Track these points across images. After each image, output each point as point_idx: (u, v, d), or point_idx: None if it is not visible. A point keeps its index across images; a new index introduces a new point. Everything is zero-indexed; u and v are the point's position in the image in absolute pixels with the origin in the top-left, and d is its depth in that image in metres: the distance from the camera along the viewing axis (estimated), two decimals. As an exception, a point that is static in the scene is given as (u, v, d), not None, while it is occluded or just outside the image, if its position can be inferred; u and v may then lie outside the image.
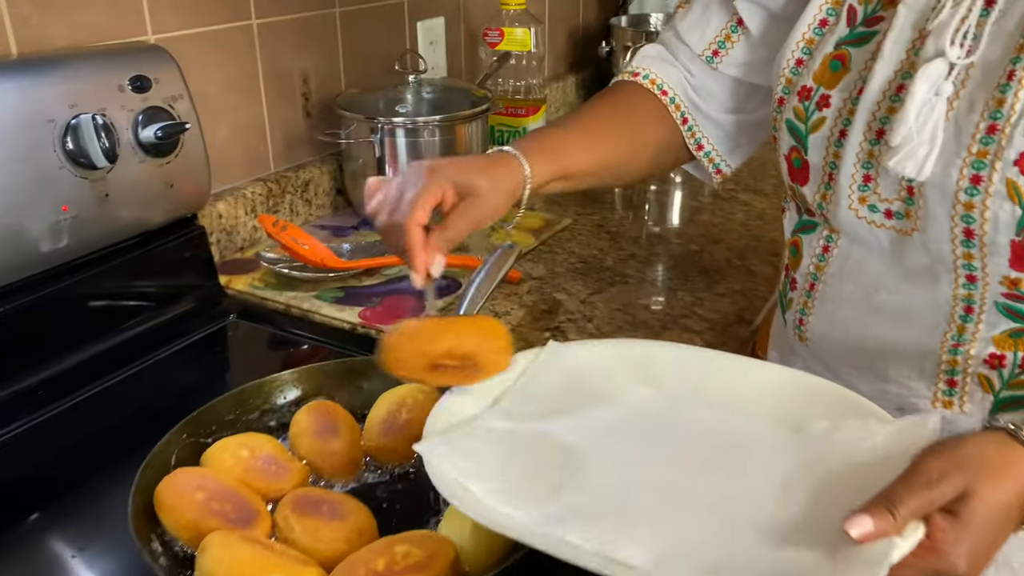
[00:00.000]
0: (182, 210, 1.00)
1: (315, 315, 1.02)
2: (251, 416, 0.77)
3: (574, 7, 1.93)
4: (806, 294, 0.78)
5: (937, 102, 0.62)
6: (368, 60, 1.36)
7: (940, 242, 0.65)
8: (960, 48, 0.62)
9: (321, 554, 0.61)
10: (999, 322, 0.66)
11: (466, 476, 0.57)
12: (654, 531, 0.54)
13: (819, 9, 0.72)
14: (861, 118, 0.68)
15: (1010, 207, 0.60)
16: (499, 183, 0.72)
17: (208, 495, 0.63)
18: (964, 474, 0.50)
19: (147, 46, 0.98)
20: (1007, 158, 0.59)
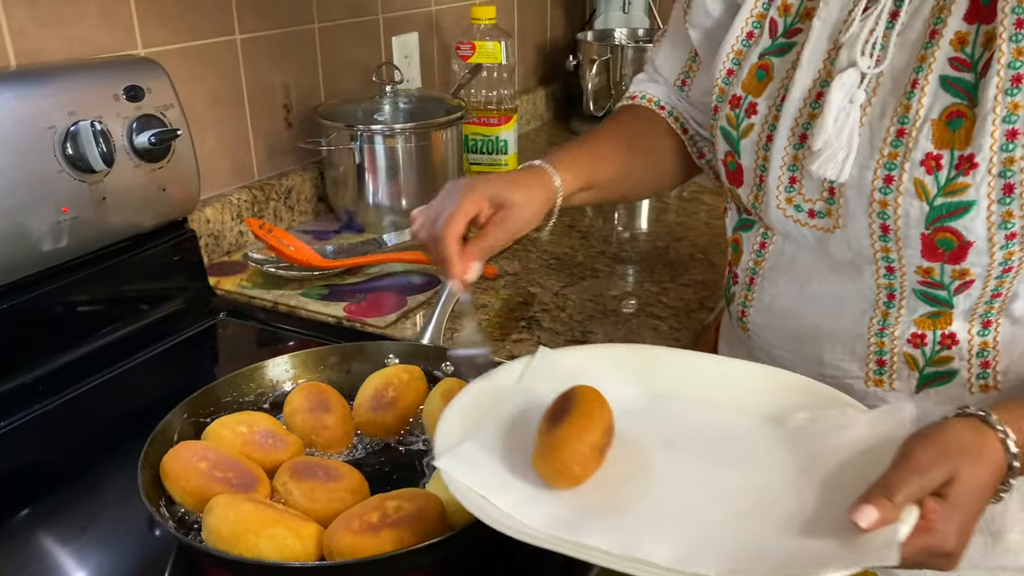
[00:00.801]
0: (173, 214, 1.05)
1: (302, 311, 1.07)
2: (247, 398, 0.82)
3: (542, 23, 2.01)
4: (746, 288, 0.83)
5: (852, 109, 0.68)
6: (346, 73, 1.43)
7: (860, 238, 0.70)
8: (870, 58, 0.67)
9: (317, 513, 0.66)
10: (918, 307, 0.71)
11: (486, 489, 0.59)
12: (671, 528, 0.56)
13: (745, 22, 0.77)
14: (785, 124, 0.73)
15: (918, 203, 0.65)
16: (532, 195, 0.78)
17: (211, 464, 0.68)
18: (950, 460, 0.55)
19: (139, 58, 1.03)
20: (914, 159, 0.65)
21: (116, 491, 0.77)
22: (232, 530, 0.61)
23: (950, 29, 0.64)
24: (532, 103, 1.96)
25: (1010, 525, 0.75)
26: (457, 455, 0.62)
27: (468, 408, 0.68)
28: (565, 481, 0.60)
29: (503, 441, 0.65)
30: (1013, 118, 0.61)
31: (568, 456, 0.59)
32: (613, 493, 0.61)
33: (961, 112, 0.63)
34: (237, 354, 1.06)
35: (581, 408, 0.62)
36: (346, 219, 1.34)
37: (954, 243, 0.65)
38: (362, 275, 1.16)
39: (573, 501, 0.60)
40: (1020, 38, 0.60)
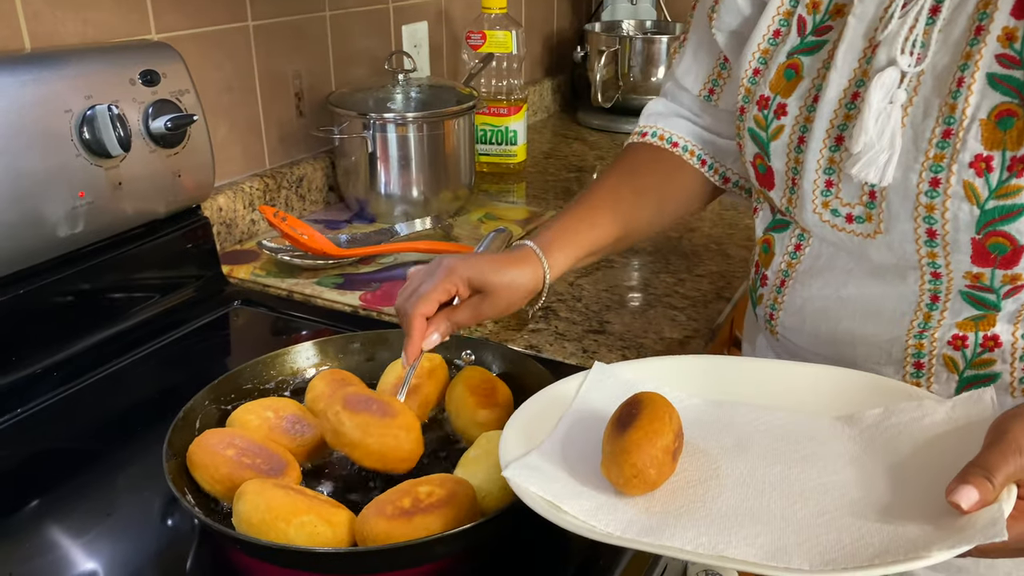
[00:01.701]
0: (187, 201, 1.04)
1: (317, 300, 1.06)
2: (267, 385, 0.81)
3: (549, 14, 2.00)
4: (776, 290, 0.80)
5: (892, 109, 0.65)
6: (356, 61, 1.42)
7: (904, 243, 0.68)
8: (910, 56, 0.65)
9: (369, 447, 0.66)
10: (963, 309, 0.69)
11: (557, 497, 0.58)
12: (756, 527, 0.55)
13: (772, 20, 0.75)
14: (820, 126, 0.71)
15: (968, 207, 0.63)
16: (514, 280, 0.77)
17: (239, 451, 0.67)
18: None
19: (154, 43, 1.02)
20: (962, 161, 0.63)
21: (136, 477, 0.76)
22: (263, 518, 0.61)
23: (997, 24, 0.62)
24: (539, 95, 1.96)
25: None
26: (524, 465, 0.60)
27: (528, 421, 0.66)
28: (640, 486, 0.58)
29: (568, 452, 0.63)
30: None
31: (641, 460, 0.57)
32: (690, 498, 0.59)
33: (1012, 111, 0.61)
34: (251, 342, 1.05)
35: (649, 412, 0.60)
36: (357, 208, 1.33)
37: (1007, 247, 0.63)
38: (375, 264, 1.15)
39: (649, 507, 0.58)
40: None
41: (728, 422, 0.67)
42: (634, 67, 1.80)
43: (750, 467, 0.62)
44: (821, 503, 0.57)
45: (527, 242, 0.81)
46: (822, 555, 0.51)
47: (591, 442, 0.62)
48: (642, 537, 0.54)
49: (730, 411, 0.69)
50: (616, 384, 0.69)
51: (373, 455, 0.67)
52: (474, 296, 0.76)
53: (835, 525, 0.55)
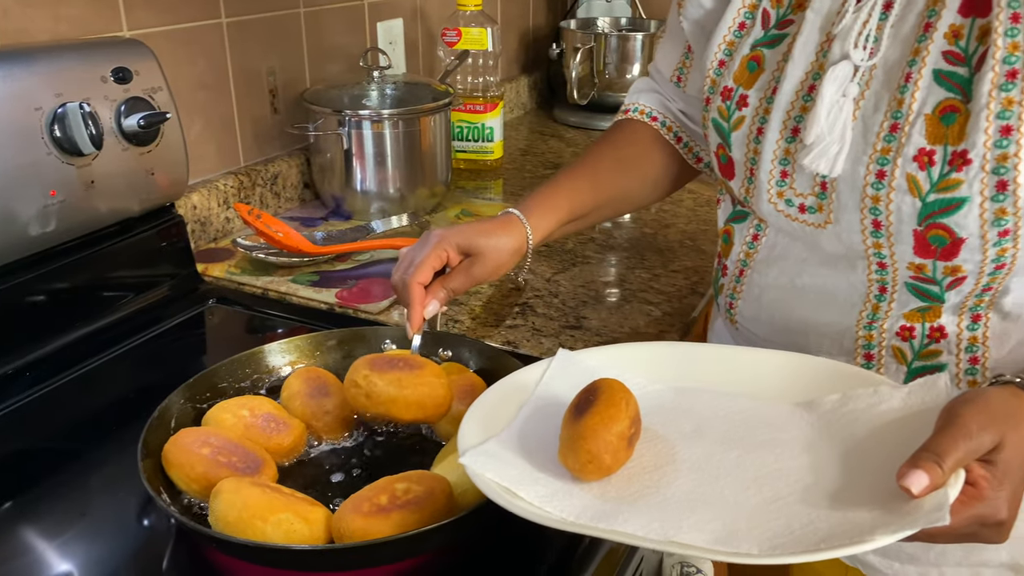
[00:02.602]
0: (161, 199, 1.03)
1: (292, 297, 1.06)
2: (243, 384, 0.81)
3: (525, 11, 2.01)
4: (736, 280, 0.82)
5: (845, 103, 0.67)
6: (331, 58, 1.41)
7: (852, 233, 0.69)
8: (863, 51, 0.67)
9: (408, 399, 0.71)
10: (909, 301, 0.71)
11: (513, 483, 0.58)
12: (708, 512, 0.55)
13: (738, 13, 0.77)
14: (776, 117, 0.72)
15: (911, 200, 0.65)
16: (500, 243, 0.83)
17: (214, 449, 0.67)
18: (997, 426, 0.54)
19: (126, 40, 1.01)
20: (907, 154, 0.64)
21: (111, 477, 0.75)
22: (239, 516, 0.61)
23: (944, 22, 0.63)
24: (515, 91, 1.96)
25: None
26: (481, 452, 0.60)
27: (489, 408, 0.67)
28: (594, 472, 0.59)
29: (527, 439, 0.64)
30: (1007, 114, 0.60)
31: (596, 446, 0.58)
32: (645, 483, 0.60)
33: (955, 107, 0.63)
34: (226, 341, 1.04)
35: (605, 398, 0.60)
36: (333, 206, 1.33)
37: (947, 240, 0.65)
38: (351, 261, 1.15)
39: (604, 493, 0.58)
40: (1016, 32, 0.60)
41: (689, 408, 0.68)
42: (609, 64, 1.81)
43: (707, 453, 0.63)
44: (775, 488, 0.58)
45: (511, 209, 0.86)
46: (771, 540, 0.52)
47: (551, 429, 0.62)
48: (595, 523, 0.54)
49: (692, 397, 0.69)
50: (579, 371, 0.69)
51: (412, 406, 0.71)
52: (464, 261, 0.82)
53: (786, 510, 0.55)
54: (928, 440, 0.54)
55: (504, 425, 0.65)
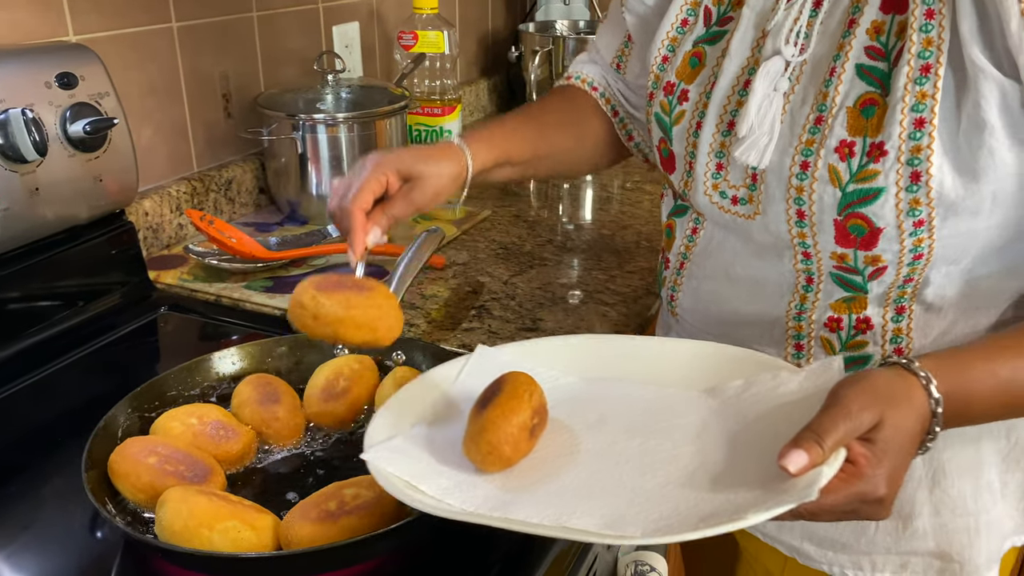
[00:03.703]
0: (110, 206, 1.02)
1: (246, 304, 1.05)
2: (192, 392, 0.80)
3: (484, 14, 2.01)
4: (676, 272, 0.84)
5: (775, 96, 0.69)
6: (286, 63, 1.40)
7: (778, 223, 0.71)
8: (794, 47, 0.68)
9: (356, 320, 0.65)
10: (834, 291, 0.72)
11: (415, 478, 0.59)
12: (602, 498, 0.57)
13: (680, 10, 0.78)
14: (713, 111, 0.74)
15: (832, 190, 0.66)
16: (441, 169, 0.79)
17: (161, 459, 0.66)
18: (877, 405, 0.55)
19: (71, 45, 1.00)
20: (828, 146, 0.66)
21: (58, 490, 0.74)
22: (185, 525, 0.60)
23: (867, 18, 0.65)
24: (475, 94, 1.96)
25: (918, 510, 0.77)
26: (385, 447, 0.61)
27: (403, 405, 0.68)
28: (495, 463, 0.60)
29: (437, 435, 0.65)
30: (921, 107, 0.62)
31: (496, 437, 0.59)
32: (546, 472, 0.61)
33: (874, 100, 0.64)
34: (179, 348, 1.03)
35: (508, 391, 0.62)
36: (289, 210, 1.32)
37: (865, 229, 0.66)
38: (307, 266, 1.14)
39: (505, 483, 0.60)
40: (930, 28, 0.62)
41: (597, 398, 0.69)
42: (568, 67, 1.81)
43: (609, 441, 0.64)
44: (668, 473, 0.59)
45: (452, 139, 0.84)
46: (655, 522, 0.54)
47: (461, 424, 0.63)
48: (492, 512, 0.55)
49: (603, 388, 0.70)
50: (496, 367, 0.69)
51: (362, 328, 0.66)
52: (404, 187, 0.77)
53: (675, 493, 0.57)
54: (811, 421, 0.55)
55: (416, 421, 0.66)
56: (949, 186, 0.63)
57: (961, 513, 0.76)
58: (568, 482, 0.59)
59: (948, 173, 0.62)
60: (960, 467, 0.75)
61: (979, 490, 0.76)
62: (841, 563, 0.80)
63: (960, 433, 0.74)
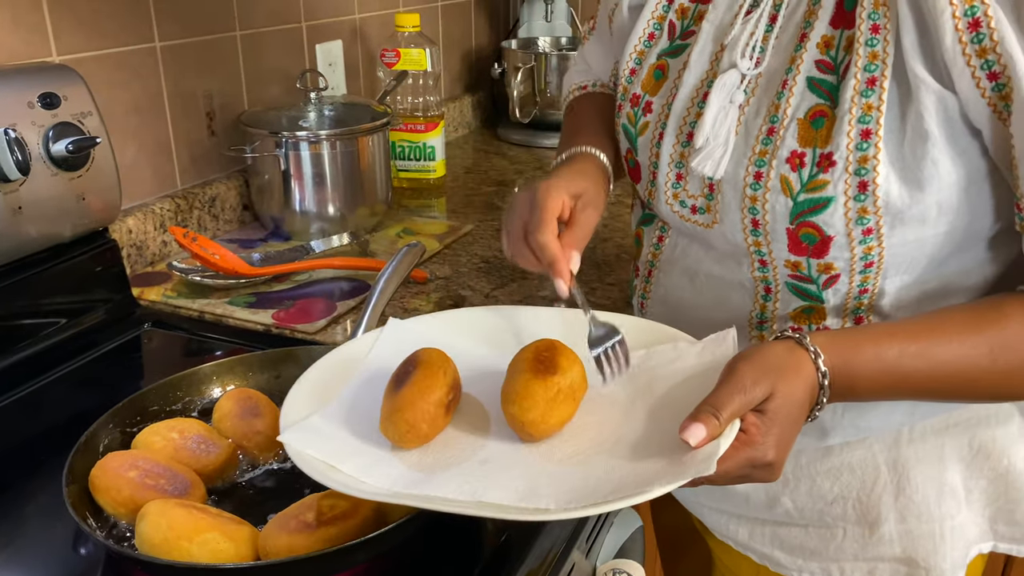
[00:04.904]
0: (93, 224, 1.03)
1: (229, 319, 1.06)
2: (174, 407, 0.81)
3: (466, 31, 2.03)
4: (645, 280, 0.86)
5: (731, 109, 0.71)
6: (269, 81, 1.42)
7: (735, 232, 0.73)
8: (750, 60, 0.71)
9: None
10: (792, 300, 0.74)
11: (333, 457, 0.60)
12: (515, 472, 0.60)
13: (647, 24, 0.81)
14: (673, 122, 0.76)
15: (784, 199, 0.68)
16: (597, 179, 0.79)
17: (142, 473, 0.67)
18: (769, 378, 0.59)
19: (54, 65, 1.01)
20: (780, 156, 0.68)
21: (41, 507, 0.75)
22: (165, 537, 0.61)
23: (817, 33, 0.68)
24: (459, 110, 1.98)
25: (884, 516, 0.78)
26: (302, 428, 0.63)
27: (317, 383, 0.69)
28: (413, 440, 0.62)
29: (353, 411, 0.66)
30: (867, 118, 0.64)
31: (414, 416, 0.61)
32: (462, 448, 0.63)
33: (824, 112, 0.66)
34: (163, 364, 1.04)
35: (424, 369, 0.63)
36: (272, 227, 1.33)
37: (816, 237, 0.68)
38: (290, 282, 1.15)
39: (422, 460, 0.62)
40: (875, 42, 0.64)
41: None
42: (550, 83, 1.84)
43: None
44: (579, 444, 0.62)
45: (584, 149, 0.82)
46: (568, 493, 0.56)
47: (377, 400, 0.64)
48: (409, 490, 0.57)
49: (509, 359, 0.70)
50: (409, 340, 0.70)
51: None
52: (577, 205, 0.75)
53: (585, 465, 0.60)
54: (709, 395, 0.59)
55: (331, 398, 0.67)
56: (895, 195, 0.65)
57: (926, 519, 0.78)
58: (484, 457, 0.62)
59: (894, 182, 0.64)
60: (924, 474, 0.77)
61: (943, 496, 0.77)
62: (811, 570, 0.82)
63: (923, 440, 0.76)
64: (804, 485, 0.81)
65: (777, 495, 0.82)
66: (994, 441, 0.77)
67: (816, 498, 0.80)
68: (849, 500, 0.79)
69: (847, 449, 0.79)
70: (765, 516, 0.84)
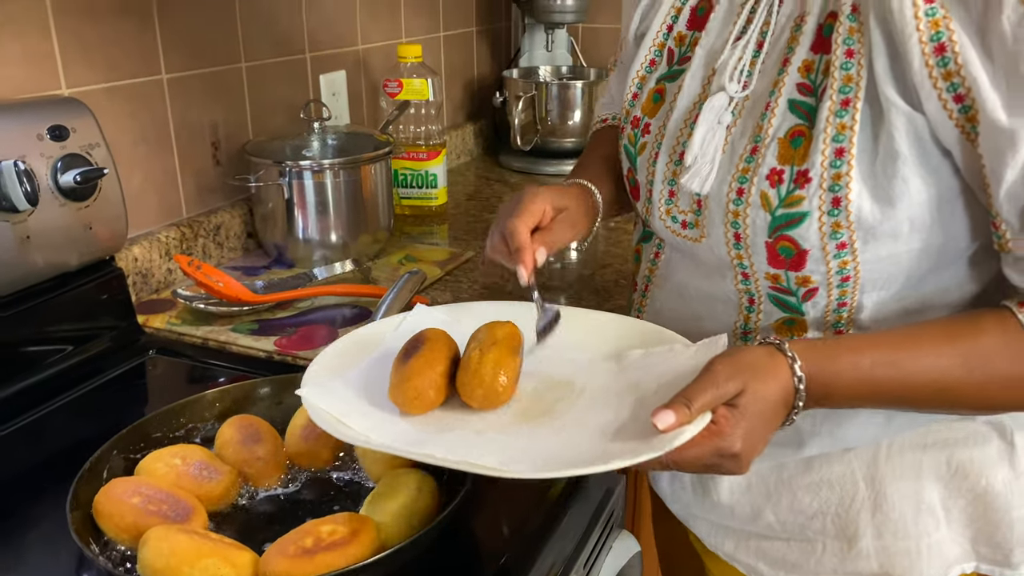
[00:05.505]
0: (100, 253, 1.05)
1: (232, 346, 1.07)
2: (177, 433, 0.82)
3: (468, 61, 2.06)
4: (642, 295, 0.90)
5: (719, 129, 0.75)
6: (274, 111, 1.44)
7: (719, 246, 0.76)
8: (737, 84, 0.75)
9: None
10: (773, 312, 0.77)
11: (342, 414, 0.68)
12: (503, 441, 0.67)
13: (649, 51, 0.85)
14: (667, 142, 0.80)
15: (763, 214, 0.72)
16: (581, 204, 0.87)
17: (144, 499, 0.68)
18: (743, 376, 0.63)
19: (64, 98, 1.03)
20: (761, 173, 0.71)
21: (45, 532, 0.76)
22: (167, 563, 0.62)
23: (798, 57, 0.71)
24: (461, 138, 2.00)
25: (862, 532, 0.80)
26: (319, 386, 0.71)
27: (343, 352, 0.78)
28: (419, 406, 0.70)
29: (368, 380, 0.74)
30: (841, 137, 0.67)
31: (421, 383, 0.69)
32: (457, 417, 0.71)
33: (802, 132, 0.70)
34: (167, 391, 1.05)
35: (430, 344, 0.72)
36: (276, 254, 1.35)
37: (793, 251, 0.72)
38: (292, 309, 1.17)
39: (424, 425, 0.70)
40: (849, 66, 0.67)
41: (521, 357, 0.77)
42: (551, 111, 1.86)
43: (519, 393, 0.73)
44: (564, 424, 0.69)
45: (580, 180, 0.91)
46: (541, 462, 0.62)
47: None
48: (407, 447, 0.64)
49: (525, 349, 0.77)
50: (430, 324, 0.79)
51: None
52: (557, 216, 0.84)
53: (566, 442, 0.66)
54: (685, 387, 0.63)
55: (353, 366, 0.76)
56: (867, 211, 0.68)
57: (902, 536, 0.79)
58: (478, 426, 0.69)
59: (866, 199, 0.67)
60: (901, 491, 0.79)
61: (920, 513, 0.79)
62: None
63: (901, 457, 0.79)
64: (786, 499, 0.83)
65: (760, 508, 0.84)
66: (972, 461, 0.78)
67: (797, 512, 0.82)
68: (828, 515, 0.81)
69: (827, 465, 0.81)
70: (750, 528, 0.86)
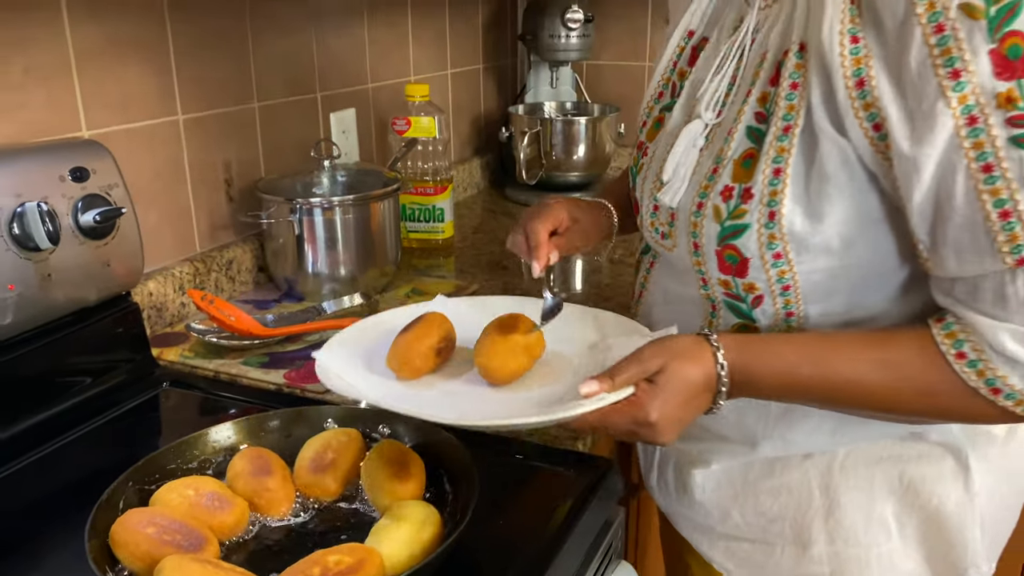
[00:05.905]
0: (117, 288, 1.08)
1: (243, 379, 1.10)
2: (190, 465, 0.85)
3: (475, 97, 2.11)
4: (637, 301, 0.99)
5: (693, 151, 0.84)
6: (285, 149, 1.49)
7: (685, 254, 0.84)
8: (712, 112, 0.83)
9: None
10: (730, 317, 0.84)
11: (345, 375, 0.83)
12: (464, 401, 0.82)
13: (657, 85, 0.95)
14: (655, 163, 0.90)
15: (714, 225, 0.80)
16: (596, 219, 1.04)
17: (159, 529, 0.71)
18: (664, 356, 0.74)
19: (84, 141, 1.07)
20: (716, 190, 0.79)
21: (63, 562, 0.78)
22: (180, 592, 0.65)
23: (758, 90, 0.78)
24: (468, 172, 2.05)
25: (815, 537, 0.87)
26: (332, 353, 0.86)
27: (364, 329, 0.93)
28: (408, 372, 0.85)
29: (376, 354, 0.88)
30: (780, 159, 0.75)
31: (409, 353, 0.85)
32: (440, 385, 0.86)
33: (752, 154, 0.78)
34: (180, 423, 1.08)
35: (424, 322, 0.87)
36: (286, 288, 1.38)
37: (737, 258, 0.79)
38: (302, 342, 1.20)
39: (414, 387, 0.85)
40: (792, 97, 0.74)
41: None
42: (556, 146, 1.90)
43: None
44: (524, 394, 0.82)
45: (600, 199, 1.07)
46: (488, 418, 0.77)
47: None
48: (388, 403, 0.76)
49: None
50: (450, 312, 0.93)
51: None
52: (573, 225, 1.00)
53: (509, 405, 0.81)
54: (615, 363, 0.75)
55: (370, 341, 0.90)
56: (798, 225, 0.75)
57: (853, 544, 0.85)
58: (450, 390, 0.85)
59: (798, 214, 0.75)
60: (854, 501, 0.85)
61: (871, 524, 0.84)
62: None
63: (854, 468, 0.85)
64: (751, 501, 0.90)
65: (729, 508, 0.92)
66: (923, 480, 0.84)
67: (759, 515, 0.90)
68: (787, 520, 0.88)
69: (787, 471, 0.88)
70: (720, 528, 0.94)
